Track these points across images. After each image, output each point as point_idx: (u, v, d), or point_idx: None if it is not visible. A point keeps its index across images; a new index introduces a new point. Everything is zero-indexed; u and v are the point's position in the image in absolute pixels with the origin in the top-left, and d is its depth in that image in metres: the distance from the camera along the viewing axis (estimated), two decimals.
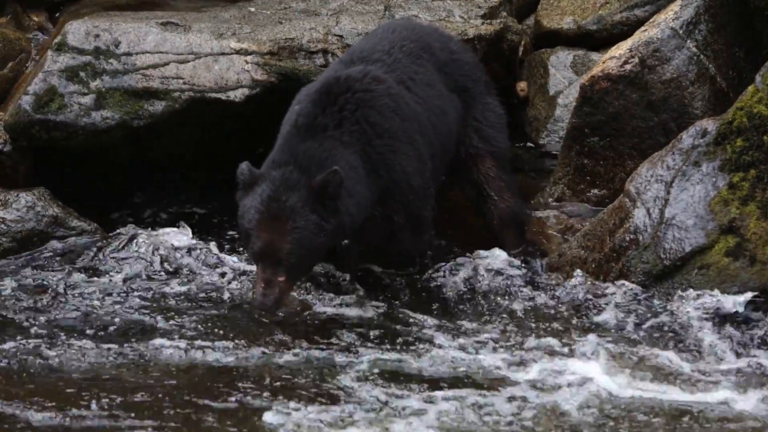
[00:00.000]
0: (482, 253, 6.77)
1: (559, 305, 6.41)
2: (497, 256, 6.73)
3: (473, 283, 6.60)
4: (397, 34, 6.81)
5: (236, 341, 6.02)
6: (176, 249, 6.81)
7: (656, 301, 6.30)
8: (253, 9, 7.99)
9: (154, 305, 6.44)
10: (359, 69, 6.46)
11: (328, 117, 6.25)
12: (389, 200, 6.39)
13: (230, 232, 7.22)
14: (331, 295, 6.45)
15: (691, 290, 6.23)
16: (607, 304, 6.33)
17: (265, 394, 5.53)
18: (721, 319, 6.14)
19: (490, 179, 6.96)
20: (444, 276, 6.65)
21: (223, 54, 7.48)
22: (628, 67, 7.20)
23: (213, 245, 6.91)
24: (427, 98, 6.66)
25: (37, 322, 6.20)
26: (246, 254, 6.51)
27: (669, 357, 5.93)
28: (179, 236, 6.89)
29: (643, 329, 6.18)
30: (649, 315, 6.24)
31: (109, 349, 5.93)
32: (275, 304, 6.04)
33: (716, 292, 6.18)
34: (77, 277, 6.67)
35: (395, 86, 6.50)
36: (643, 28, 7.39)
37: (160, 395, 5.52)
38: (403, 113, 6.45)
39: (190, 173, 7.79)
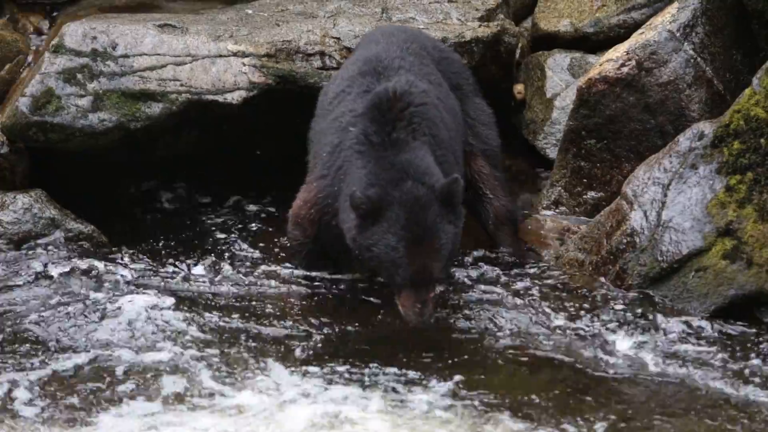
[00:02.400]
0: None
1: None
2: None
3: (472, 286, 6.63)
4: (396, 36, 6.80)
5: None
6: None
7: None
8: (250, 11, 7.99)
9: None
10: (404, 81, 6.40)
11: (401, 131, 6.21)
12: None
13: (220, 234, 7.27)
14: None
15: None
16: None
17: None
18: None
19: (484, 177, 6.96)
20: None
21: (220, 56, 7.48)
22: (625, 69, 7.21)
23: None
24: (444, 98, 6.67)
25: None
26: (384, 278, 6.22)
27: None
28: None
29: None
30: None
31: None
32: (430, 318, 6.02)
33: None
34: None
35: (433, 97, 6.51)
36: (640, 31, 7.39)
37: None
38: (445, 124, 6.49)
39: (187, 174, 7.80)
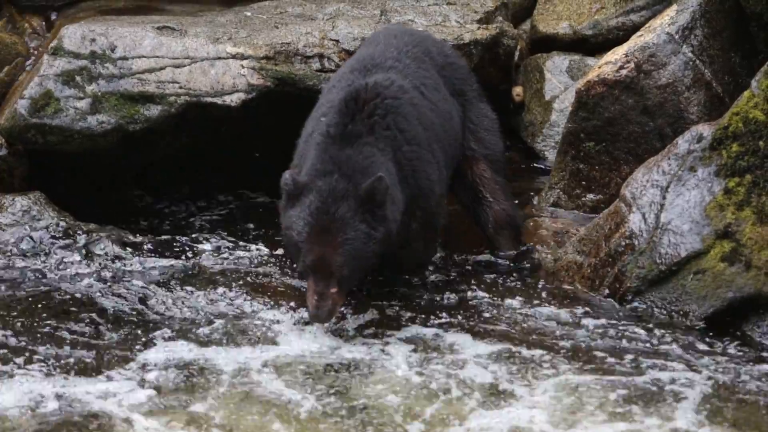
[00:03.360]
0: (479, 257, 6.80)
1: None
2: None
3: (470, 290, 6.62)
4: (399, 39, 6.79)
5: None
6: None
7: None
8: (249, 13, 7.99)
9: None
10: (383, 77, 6.39)
11: (359, 124, 6.16)
12: (411, 207, 6.32)
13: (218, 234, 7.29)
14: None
15: None
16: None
17: None
18: None
19: (485, 181, 6.94)
20: (444, 281, 6.67)
21: (219, 58, 7.48)
22: (623, 72, 7.21)
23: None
24: (437, 103, 6.64)
25: None
26: (295, 266, 6.30)
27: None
28: None
29: None
30: None
31: None
32: (329, 316, 5.96)
33: None
34: None
35: (416, 95, 6.48)
36: (638, 33, 7.40)
37: None
38: (424, 122, 6.44)
39: (186, 177, 7.80)
